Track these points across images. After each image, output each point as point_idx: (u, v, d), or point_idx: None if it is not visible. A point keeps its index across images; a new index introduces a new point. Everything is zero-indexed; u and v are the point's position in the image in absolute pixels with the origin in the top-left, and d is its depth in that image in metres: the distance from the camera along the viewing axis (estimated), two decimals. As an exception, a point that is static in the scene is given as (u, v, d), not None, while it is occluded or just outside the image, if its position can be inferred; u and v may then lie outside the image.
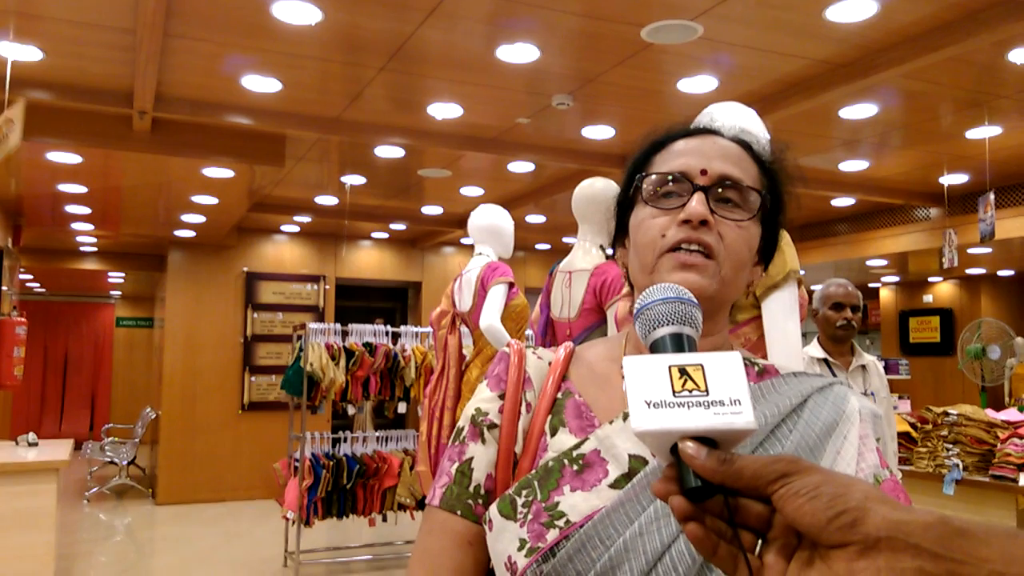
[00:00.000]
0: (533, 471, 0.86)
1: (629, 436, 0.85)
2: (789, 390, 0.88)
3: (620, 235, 0.98)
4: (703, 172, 0.88)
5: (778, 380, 0.90)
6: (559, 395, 0.93)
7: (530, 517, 0.82)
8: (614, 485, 0.82)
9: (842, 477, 0.56)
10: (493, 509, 0.85)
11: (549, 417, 0.91)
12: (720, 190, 0.88)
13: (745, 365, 0.91)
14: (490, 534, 0.85)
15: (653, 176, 0.91)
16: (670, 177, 0.89)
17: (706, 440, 0.58)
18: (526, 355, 0.97)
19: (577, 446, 0.86)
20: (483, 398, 0.95)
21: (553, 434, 0.90)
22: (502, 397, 0.94)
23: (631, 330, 0.95)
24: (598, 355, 0.98)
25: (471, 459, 0.91)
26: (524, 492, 0.84)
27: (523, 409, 0.93)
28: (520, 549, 0.81)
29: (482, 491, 0.89)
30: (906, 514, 0.52)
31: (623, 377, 0.90)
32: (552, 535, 0.80)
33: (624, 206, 0.97)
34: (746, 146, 0.94)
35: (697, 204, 0.86)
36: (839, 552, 0.53)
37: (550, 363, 0.97)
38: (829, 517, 0.53)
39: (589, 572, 0.78)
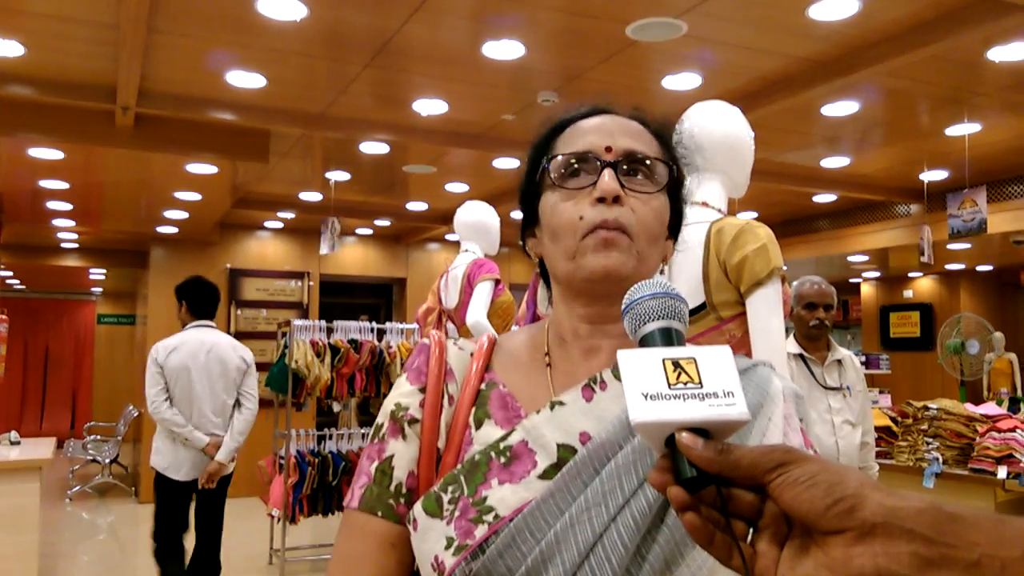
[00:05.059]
0: (459, 466, 0.83)
1: (557, 426, 0.83)
2: None
3: (529, 225, 0.95)
4: (608, 149, 0.87)
5: None
6: (483, 386, 0.90)
7: (457, 514, 0.79)
8: (543, 476, 0.80)
9: (836, 466, 0.57)
10: (417, 508, 0.82)
11: (473, 409, 0.88)
12: (627, 165, 0.87)
13: None
14: (415, 534, 0.82)
15: (559, 158, 0.89)
16: (575, 157, 0.88)
17: (700, 431, 0.60)
18: (447, 346, 0.94)
19: (504, 438, 0.83)
20: (402, 392, 0.91)
21: (478, 427, 0.87)
22: (423, 391, 0.90)
23: (552, 319, 0.94)
24: (521, 343, 0.95)
25: (391, 457, 0.87)
26: (450, 488, 0.81)
27: (445, 402, 0.89)
28: (447, 548, 0.78)
29: (404, 490, 0.86)
30: (900, 500, 0.54)
31: (548, 366, 0.91)
32: (481, 531, 0.77)
33: (529, 195, 0.94)
34: (643, 121, 0.93)
35: (609, 180, 0.85)
36: (836, 538, 0.54)
37: (472, 353, 0.93)
38: (827, 504, 0.54)
39: (520, 567, 0.76)
